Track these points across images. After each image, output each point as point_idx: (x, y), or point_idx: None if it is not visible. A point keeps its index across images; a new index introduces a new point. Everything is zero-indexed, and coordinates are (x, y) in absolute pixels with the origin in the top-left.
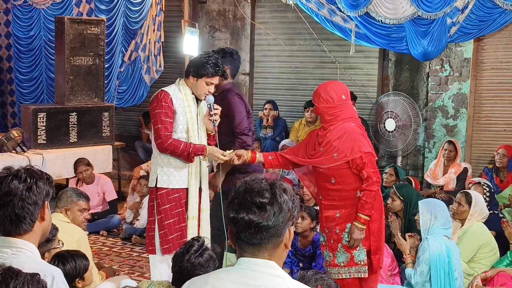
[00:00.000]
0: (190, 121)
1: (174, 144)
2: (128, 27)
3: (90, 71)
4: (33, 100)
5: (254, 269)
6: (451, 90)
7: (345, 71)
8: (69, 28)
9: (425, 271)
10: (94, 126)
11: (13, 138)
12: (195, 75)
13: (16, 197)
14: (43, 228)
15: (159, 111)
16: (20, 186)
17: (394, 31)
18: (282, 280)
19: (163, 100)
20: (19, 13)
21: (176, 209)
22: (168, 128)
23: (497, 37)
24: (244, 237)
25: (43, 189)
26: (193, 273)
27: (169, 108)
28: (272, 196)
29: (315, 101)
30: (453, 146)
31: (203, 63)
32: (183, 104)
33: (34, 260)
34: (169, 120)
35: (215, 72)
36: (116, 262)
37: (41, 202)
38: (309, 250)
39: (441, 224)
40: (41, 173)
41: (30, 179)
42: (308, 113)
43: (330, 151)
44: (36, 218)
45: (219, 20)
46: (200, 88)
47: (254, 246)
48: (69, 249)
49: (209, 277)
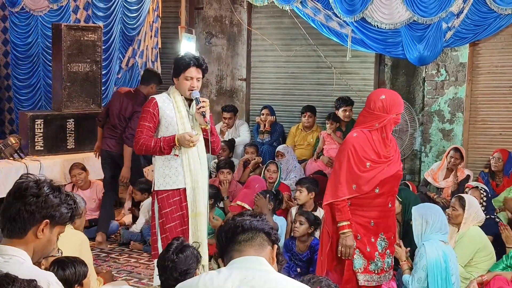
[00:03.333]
0: (181, 125)
1: (145, 143)
2: (125, 33)
3: (87, 78)
4: (31, 107)
5: (246, 266)
6: (447, 95)
7: (341, 76)
8: (66, 35)
9: (422, 278)
10: (91, 133)
11: (10, 144)
12: (175, 76)
13: (22, 199)
14: (36, 245)
15: (141, 116)
16: (32, 192)
17: (390, 36)
18: (273, 274)
19: (146, 105)
20: (17, 20)
21: (177, 212)
22: (143, 132)
23: (492, 41)
24: (233, 239)
25: (49, 207)
26: (175, 271)
27: (149, 112)
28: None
29: (400, 110)
30: (459, 154)
31: (177, 61)
32: (174, 109)
33: (26, 266)
34: (147, 124)
35: (187, 64)
36: (113, 268)
37: (39, 218)
38: (306, 255)
39: (437, 229)
40: (65, 197)
41: (45, 192)
42: (305, 118)
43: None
44: (27, 228)
45: (216, 26)
46: (183, 86)
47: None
48: (71, 253)
49: (200, 278)
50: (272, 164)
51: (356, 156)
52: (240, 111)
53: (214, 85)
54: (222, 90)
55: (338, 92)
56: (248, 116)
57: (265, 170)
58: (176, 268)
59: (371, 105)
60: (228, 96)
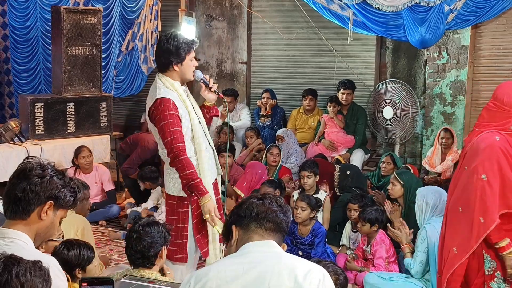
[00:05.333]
0: (193, 113)
1: (183, 164)
2: (125, 16)
3: (87, 61)
4: (31, 91)
5: (255, 250)
6: (448, 78)
7: (342, 59)
8: (65, 18)
9: (424, 260)
10: (91, 116)
11: (11, 129)
12: (178, 61)
13: (27, 179)
14: (39, 227)
15: (168, 122)
16: (37, 173)
17: (391, 18)
18: (281, 253)
19: (167, 108)
20: (15, 3)
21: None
22: (179, 139)
23: (494, 24)
24: (257, 223)
25: (54, 188)
26: (139, 243)
27: (174, 116)
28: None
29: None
30: (450, 134)
31: (176, 46)
32: (181, 103)
33: (27, 250)
34: (179, 130)
35: (191, 42)
36: (116, 252)
37: (44, 199)
38: (308, 239)
39: (438, 212)
40: (69, 181)
41: (49, 173)
42: (306, 101)
43: None
44: (32, 209)
45: (216, 9)
46: (188, 69)
47: (266, 230)
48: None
49: (212, 264)
50: (275, 148)
51: (508, 162)
52: (240, 94)
53: (214, 68)
54: (223, 73)
55: (339, 75)
56: (249, 99)
57: (268, 153)
58: (140, 240)
59: (504, 99)
60: (229, 79)
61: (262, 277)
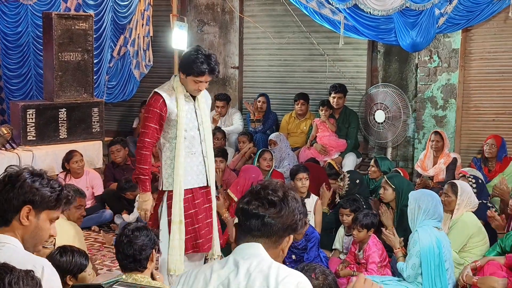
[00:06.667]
0: (180, 119)
1: (142, 158)
2: (116, 22)
3: (79, 67)
4: (22, 97)
5: (239, 252)
6: (439, 81)
7: (334, 63)
8: (57, 24)
9: (416, 264)
10: (83, 122)
11: (2, 135)
12: (183, 72)
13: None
14: (24, 233)
15: (146, 116)
16: (9, 180)
17: (382, 22)
18: (261, 258)
19: (153, 104)
20: (6, 9)
21: (188, 211)
22: (149, 134)
23: (485, 27)
24: (246, 227)
25: (27, 192)
26: (130, 247)
27: (156, 114)
28: (284, 197)
29: None
30: (440, 137)
31: (191, 61)
32: (176, 103)
33: (18, 253)
34: (153, 127)
35: (201, 72)
36: (108, 258)
37: (18, 204)
38: (302, 243)
39: (430, 215)
40: (47, 182)
41: (22, 178)
42: (298, 105)
43: None
44: (10, 217)
45: (208, 14)
46: (190, 85)
47: (254, 237)
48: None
49: (201, 267)
50: (267, 152)
51: None
52: (233, 99)
53: None
54: (215, 78)
55: (331, 79)
56: (241, 104)
57: (260, 158)
58: (131, 244)
59: None
60: (221, 84)
61: (237, 281)
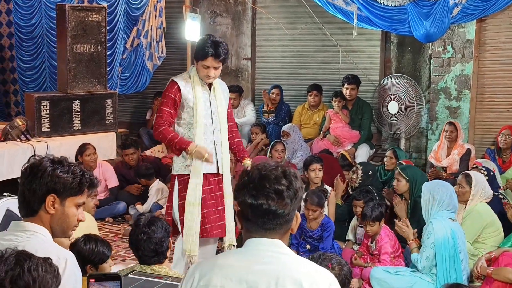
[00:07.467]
0: (198, 106)
1: (164, 133)
2: (129, 13)
3: (92, 59)
4: (36, 89)
5: (261, 248)
6: (453, 72)
7: (347, 54)
8: (70, 16)
9: (431, 255)
10: (97, 113)
11: (17, 126)
12: (195, 58)
13: (23, 180)
14: (52, 221)
15: (162, 101)
16: (31, 172)
17: (396, 13)
18: (287, 257)
19: (168, 90)
20: (20, 1)
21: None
22: (163, 117)
23: (500, 17)
24: (259, 222)
25: (49, 182)
26: (150, 243)
27: (171, 98)
28: (289, 183)
29: None
30: (454, 127)
31: (199, 45)
32: (192, 91)
33: (45, 243)
34: (167, 110)
35: (205, 54)
36: (122, 248)
37: (42, 194)
38: (317, 232)
39: (444, 206)
40: (67, 168)
41: (43, 168)
42: (311, 97)
43: None
44: (36, 207)
45: (220, 5)
46: (200, 71)
47: (267, 230)
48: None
49: (217, 258)
50: (279, 144)
51: None
52: (245, 91)
53: None
54: (227, 69)
55: (344, 71)
56: (254, 95)
57: (272, 150)
58: (151, 239)
59: None
60: (234, 75)
61: (267, 281)
